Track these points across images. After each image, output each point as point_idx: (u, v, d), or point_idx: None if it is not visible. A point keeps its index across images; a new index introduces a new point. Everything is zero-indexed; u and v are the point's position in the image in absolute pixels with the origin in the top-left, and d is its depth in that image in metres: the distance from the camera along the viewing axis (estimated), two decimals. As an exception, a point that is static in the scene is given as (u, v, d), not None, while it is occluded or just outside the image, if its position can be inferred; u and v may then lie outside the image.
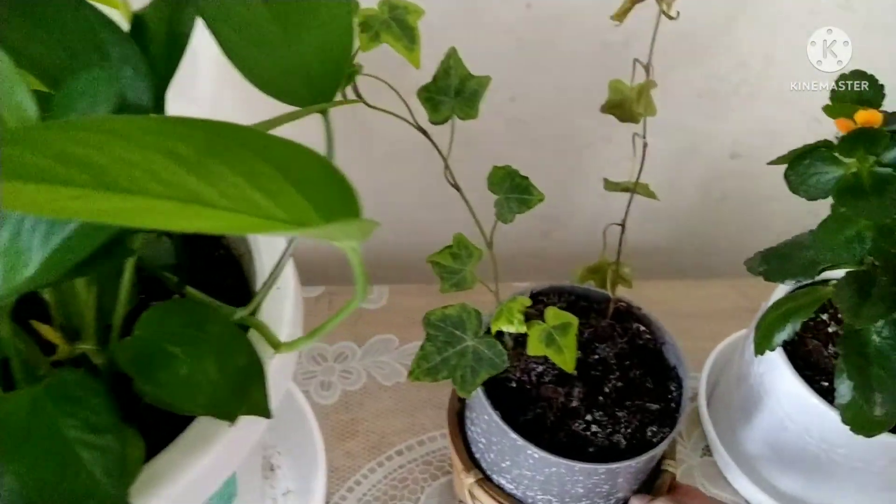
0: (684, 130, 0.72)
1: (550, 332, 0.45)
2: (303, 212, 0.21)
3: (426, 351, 0.45)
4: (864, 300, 0.38)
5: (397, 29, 0.41)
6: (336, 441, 0.61)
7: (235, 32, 0.30)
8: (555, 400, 0.48)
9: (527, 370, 0.49)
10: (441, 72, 0.44)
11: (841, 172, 0.36)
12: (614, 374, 0.50)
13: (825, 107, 0.35)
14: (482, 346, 0.45)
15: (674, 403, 0.49)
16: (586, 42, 0.63)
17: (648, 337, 0.54)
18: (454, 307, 0.46)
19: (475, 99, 0.44)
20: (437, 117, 0.44)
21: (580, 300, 0.55)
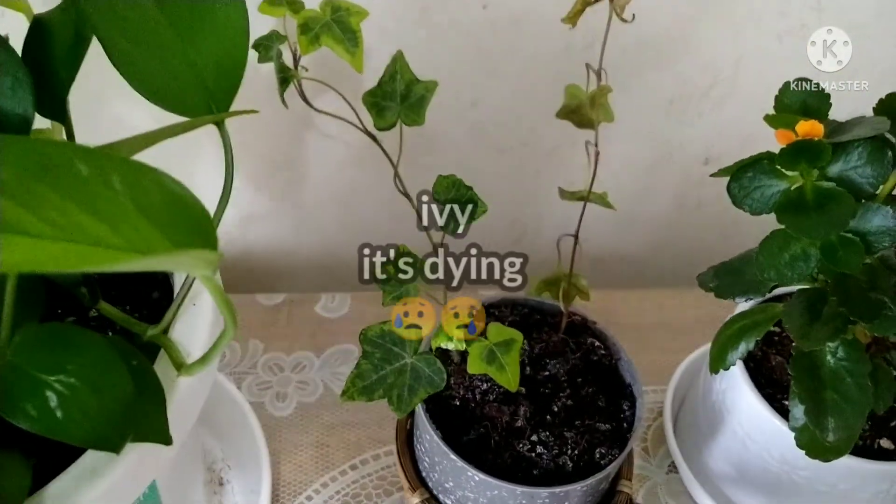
0: (656, 137, 0.70)
1: (492, 349, 0.43)
2: (148, 239, 0.20)
3: (361, 369, 0.43)
4: (813, 320, 0.36)
5: (339, 31, 0.39)
6: (289, 454, 0.59)
7: (125, 38, 0.28)
8: (499, 419, 0.46)
9: (471, 388, 0.47)
10: (386, 76, 0.42)
11: (785, 186, 0.34)
12: (564, 392, 0.48)
13: (766, 116, 0.33)
14: (421, 364, 0.43)
15: (626, 423, 0.47)
16: (547, 45, 0.61)
17: (603, 353, 0.52)
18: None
19: (422, 104, 0.42)
20: (382, 123, 0.42)
21: (534, 313, 0.53)
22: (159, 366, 0.34)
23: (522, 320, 0.53)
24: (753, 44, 0.63)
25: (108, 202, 0.19)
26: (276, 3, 0.38)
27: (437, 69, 0.63)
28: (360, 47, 0.38)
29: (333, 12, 0.38)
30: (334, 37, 0.38)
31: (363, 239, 0.75)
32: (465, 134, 0.68)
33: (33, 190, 0.18)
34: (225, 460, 0.58)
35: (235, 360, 0.65)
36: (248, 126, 0.65)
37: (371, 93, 0.42)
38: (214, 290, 0.21)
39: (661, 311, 0.73)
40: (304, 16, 0.37)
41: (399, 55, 0.42)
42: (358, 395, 0.42)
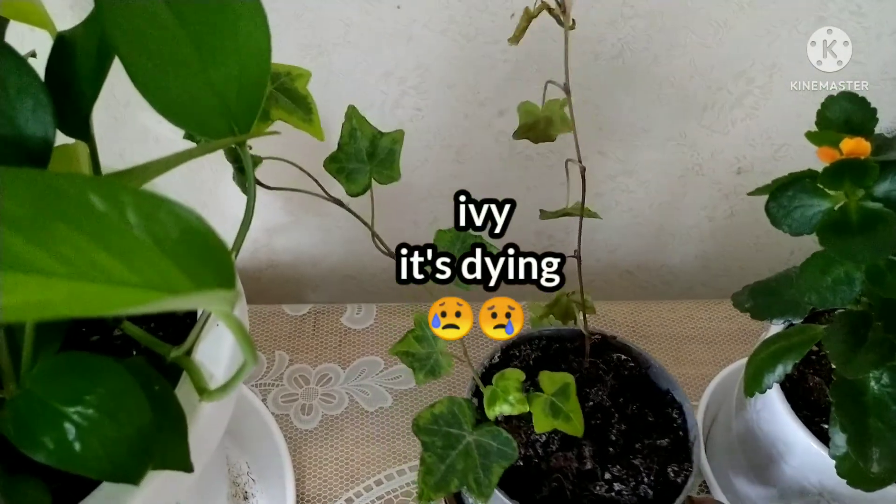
0: (688, 145, 0.68)
1: (552, 401, 0.41)
2: (166, 276, 0.19)
3: (428, 463, 0.39)
4: (857, 346, 0.34)
5: (287, 101, 0.37)
6: (314, 468, 0.58)
7: (146, 57, 0.28)
8: (567, 468, 0.44)
9: (530, 443, 0.45)
10: (345, 137, 0.39)
11: (827, 206, 0.33)
12: (615, 418, 0.46)
13: (807, 133, 0.32)
14: (486, 438, 0.40)
15: (682, 431, 0.46)
16: (575, 53, 0.60)
17: (632, 365, 0.50)
18: (441, 403, 0.41)
19: (393, 158, 0.39)
20: (355, 188, 0.39)
21: (552, 343, 0.52)
22: (182, 389, 0.34)
23: (544, 353, 0.51)
24: (789, 50, 0.61)
25: (123, 237, 0.19)
26: None
27: (463, 78, 0.62)
28: (315, 113, 0.36)
29: (274, 81, 0.36)
30: (284, 108, 0.35)
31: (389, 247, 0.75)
32: (492, 143, 0.67)
33: (43, 225, 0.18)
34: (250, 474, 0.58)
35: (261, 372, 0.65)
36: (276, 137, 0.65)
37: (333, 158, 0.39)
38: (234, 327, 0.21)
39: (693, 323, 0.71)
40: None
41: (351, 111, 0.39)
42: (434, 492, 0.39)
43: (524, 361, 0.50)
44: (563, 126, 0.44)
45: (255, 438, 0.57)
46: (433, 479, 0.39)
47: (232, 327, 0.21)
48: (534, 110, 0.44)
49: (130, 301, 0.17)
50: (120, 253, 0.18)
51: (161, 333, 0.39)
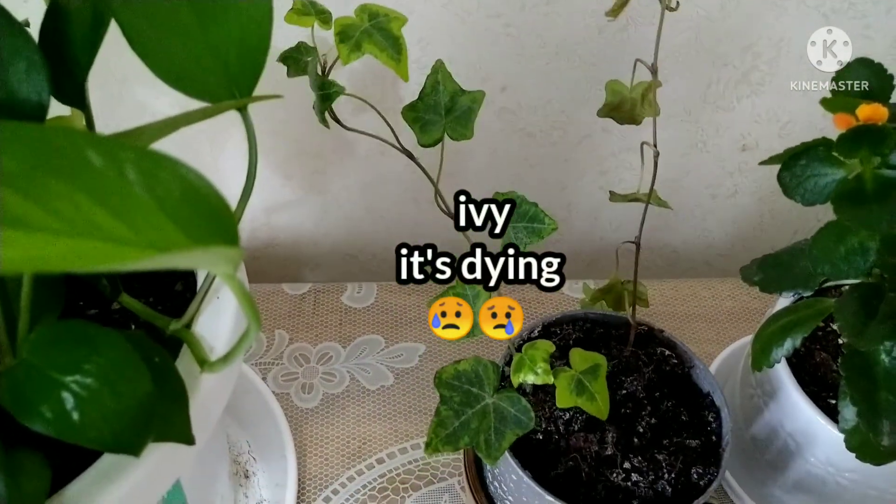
0: (692, 122, 0.67)
1: (580, 378, 0.40)
2: (165, 234, 0.18)
3: (442, 416, 0.39)
4: (868, 318, 0.34)
5: (380, 38, 0.36)
6: (315, 447, 0.58)
7: (145, 21, 0.27)
8: (587, 449, 0.43)
9: (552, 419, 0.44)
10: (428, 88, 0.39)
11: (842, 174, 0.32)
12: (646, 410, 0.45)
13: (822, 100, 0.31)
14: (504, 403, 0.40)
15: (714, 436, 0.45)
16: (580, 28, 0.59)
17: (675, 362, 0.49)
18: (467, 361, 0.41)
19: (469, 117, 0.39)
20: (426, 139, 0.39)
21: (596, 327, 0.51)
22: (182, 362, 0.33)
23: (586, 336, 0.50)
24: (797, 24, 0.60)
25: (122, 195, 0.18)
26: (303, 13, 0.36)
27: (465, 53, 0.61)
28: (403, 54, 0.36)
29: (371, 18, 0.36)
30: (377, 44, 0.35)
31: (389, 228, 0.74)
32: (495, 118, 0.66)
33: (40, 181, 0.17)
34: (251, 452, 0.57)
35: (261, 351, 0.65)
36: (276, 113, 0.64)
37: (412, 107, 0.39)
38: (237, 289, 0.20)
39: (696, 302, 0.71)
40: (342, 23, 0.35)
41: (440, 65, 0.40)
42: (443, 445, 0.39)
43: (564, 340, 0.49)
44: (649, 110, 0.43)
45: (255, 417, 0.57)
46: (444, 432, 0.39)
47: (234, 289, 0.20)
48: (621, 90, 0.43)
49: (129, 256, 0.17)
50: (118, 211, 0.18)
51: (160, 307, 0.39)
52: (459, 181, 0.70)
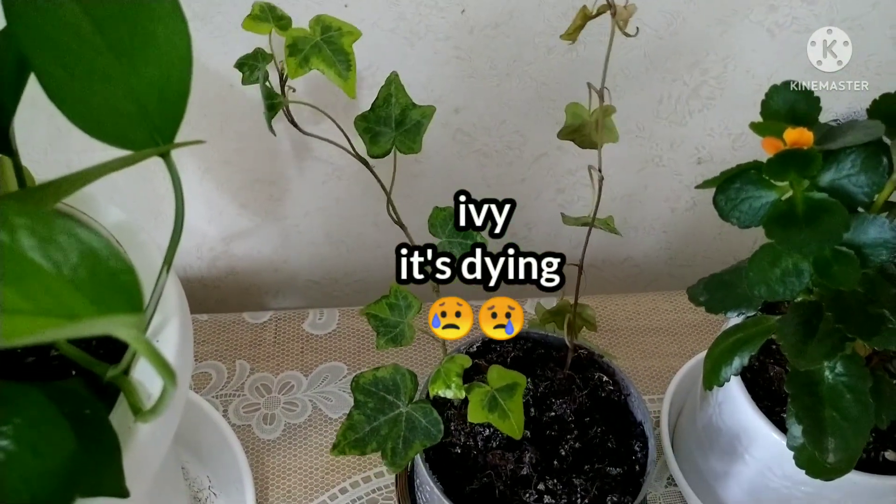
0: (646, 137, 0.68)
1: (494, 395, 0.40)
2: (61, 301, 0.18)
3: (354, 420, 0.40)
4: (808, 338, 0.34)
5: (330, 53, 0.36)
6: (277, 479, 0.57)
7: (61, 67, 0.27)
8: (503, 467, 0.43)
9: (472, 434, 0.44)
10: (380, 100, 0.40)
11: (774, 197, 0.32)
12: (572, 434, 0.45)
13: (751, 124, 0.31)
14: (417, 414, 0.41)
15: (638, 465, 0.45)
16: (529, 47, 0.59)
17: (612, 388, 0.49)
18: (386, 368, 0.41)
19: (418, 130, 0.40)
20: (376, 150, 0.39)
21: (537, 347, 0.51)
22: (119, 410, 0.33)
23: (526, 355, 0.50)
24: (743, 39, 0.61)
25: (16, 262, 0.17)
26: (260, 19, 0.36)
27: (416, 76, 0.61)
28: (352, 71, 0.36)
29: (324, 32, 0.36)
30: (325, 59, 0.35)
31: (350, 252, 0.74)
32: (450, 140, 0.66)
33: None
34: (211, 488, 0.56)
35: (222, 383, 0.64)
36: (228, 144, 0.63)
37: (363, 117, 0.39)
38: (145, 350, 0.20)
39: (657, 316, 0.71)
40: (293, 35, 0.35)
41: (394, 77, 0.40)
42: (350, 448, 0.40)
43: (502, 357, 0.49)
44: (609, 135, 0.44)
45: (214, 451, 0.56)
46: (354, 436, 0.40)
47: (143, 351, 0.19)
48: (581, 113, 0.44)
49: (21, 330, 0.16)
50: (12, 279, 0.17)
51: (101, 351, 0.38)
52: (417, 202, 0.70)
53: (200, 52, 0.57)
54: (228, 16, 0.55)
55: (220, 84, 0.59)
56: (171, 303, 0.36)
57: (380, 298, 0.43)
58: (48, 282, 0.18)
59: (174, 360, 0.34)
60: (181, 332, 0.35)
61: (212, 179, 0.66)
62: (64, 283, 0.18)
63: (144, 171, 0.65)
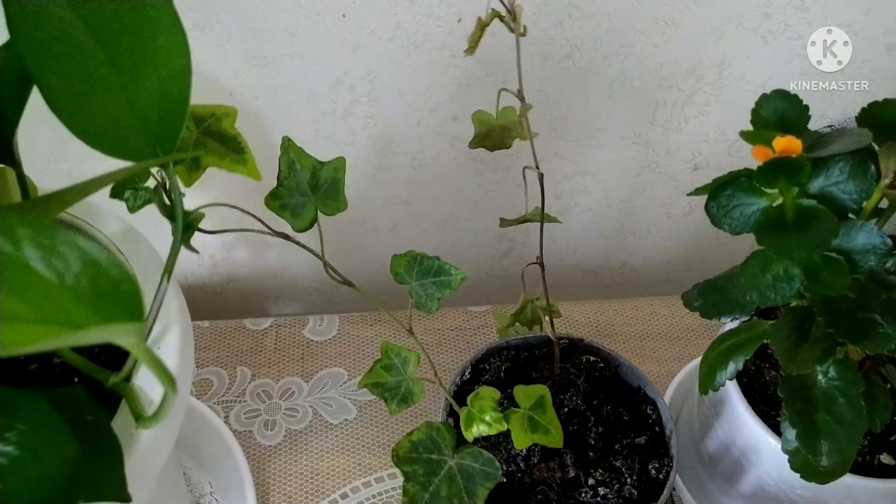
0: (643, 144, 0.68)
1: (530, 416, 0.40)
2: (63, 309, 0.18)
3: (411, 494, 0.38)
4: (801, 342, 0.34)
5: (217, 144, 0.35)
6: (278, 484, 0.58)
7: (62, 78, 0.27)
8: (551, 478, 0.43)
9: (511, 458, 0.44)
10: (285, 171, 0.38)
11: (765, 204, 0.33)
12: (591, 422, 0.46)
13: (742, 133, 0.32)
14: (467, 461, 0.40)
15: (657, 426, 0.46)
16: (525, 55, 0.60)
17: (602, 365, 0.50)
18: (420, 430, 0.40)
19: (337, 188, 0.38)
20: (301, 224, 0.38)
21: (521, 352, 0.52)
22: (121, 416, 0.33)
23: (514, 364, 0.51)
24: (737, 46, 0.61)
25: (19, 271, 0.18)
26: None
27: (413, 84, 0.62)
28: (248, 153, 0.35)
29: (199, 124, 0.34)
30: (215, 153, 0.34)
31: (349, 257, 0.74)
32: (447, 148, 0.66)
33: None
34: (213, 493, 0.57)
35: (223, 389, 0.64)
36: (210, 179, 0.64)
37: (274, 195, 0.38)
38: (146, 358, 0.20)
39: (656, 320, 0.72)
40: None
41: (287, 143, 0.37)
42: None
43: (495, 374, 0.50)
44: (518, 133, 0.44)
45: (215, 457, 0.56)
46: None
47: (144, 358, 0.20)
48: (488, 119, 0.44)
49: (23, 339, 0.17)
50: (15, 288, 0.18)
51: (103, 359, 0.39)
52: (415, 209, 0.71)
53: (200, 61, 0.57)
54: (227, 25, 0.56)
55: (220, 92, 0.60)
56: (172, 311, 0.37)
57: (374, 365, 0.42)
58: (50, 291, 0.18)
59: (175, 367, 0.35)
60: (182, 339, 0.36)
61: (213, 186, 0.66)
62: (66, 292, 0.18)
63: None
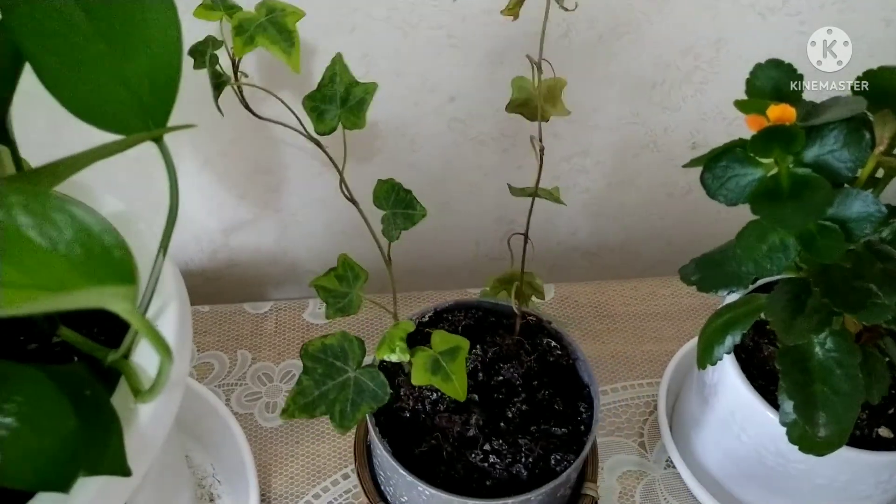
0: (641, 123, 0.68)
1: (437, 358, 0.42)
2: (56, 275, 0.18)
3: (303, 385, 0.41)
4: (797, 313, 0.34)
5: (274, 32, 0.38)
6: (280, 466, 0.58)
7: (54, 54, 0.27)
8: (450, 430, 0.45)
9: (421, 399, 0.46)
10: (326, 79, 0.41)
11: (761, 174, 0.33)
12: (519, 397, 0.47)
13: (736, 102, 0.32)
14: (364, 378, 0.42)
15: (584, 426, 0.46)
16: (521, 34, 0.59)
17: (560, 353, 0.50)
18: (334, 336, 0.43)
19: (362, 107, 0.41)
20: (322, 127, 0.41)
21: (489, 315, 0.52)
22: (120, 392, 0.33)
23: (477, 324, 0.52)
24: (734, 23, 0.61)
25: (12, 238, 0.18)
26: (212, 7, 0.37)
27: (411, 65, 0.61)
28: (296, 47, 0.37)
29: (268, 13, 0.37)
30: (269, 37, 0.37)
31: (350, 242, 0.74)
32: (446, 129, 0.66)
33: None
34: (215, 475, 0.57)
35: (224, 372, 0.64)
36: (224, 134, 0.64)
37: (310, 96, 0.41)
38: (139, 324, 0.20)
39: (655, 300, 0.72)
40: (239, 17, 0.36)
41: (338, 58, 0.41)
42: (299, 412, 0.41)
43: (454, 326, 0.51)
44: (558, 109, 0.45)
45: (217, 439, 0.56)
46: (303, 400, 0.41)
47: (136, 324, 0.20)
48: (527, 85, 0.45)
49: (17, 300, 0.17)
50: (8, 255, 0.18)
51: (103, 338, 0.39)
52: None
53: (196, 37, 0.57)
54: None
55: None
56: (168, 287, 0.37)
57: (328, 271, 0.45)
58: (44, 257, 0.18)
59: (173, 341, 0.35)
60: (179, 314, 0.36)
61: (210, 171, 0.66)
62: (59, 258, 0.18)
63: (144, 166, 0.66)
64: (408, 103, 0.64)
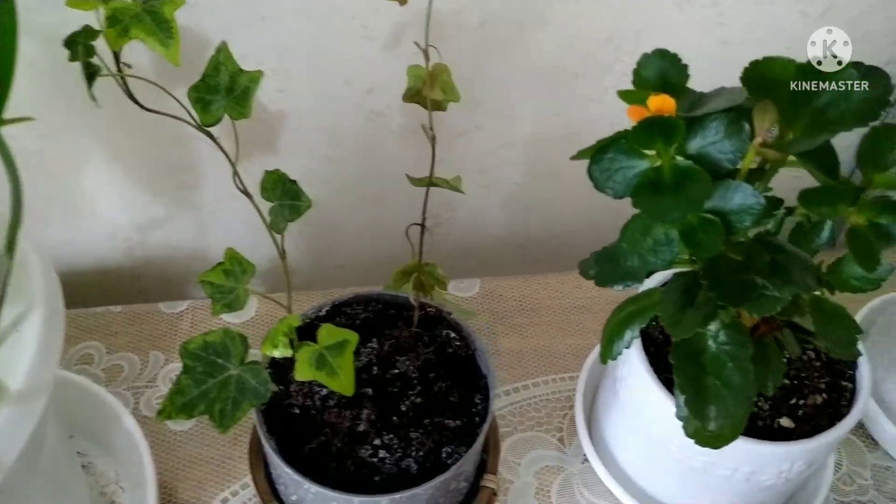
0: (564, 115, 0.68)
1: (322, 353, 0.41)
2: None
3: (181, 384, 0.40)
4: (686, 306, 0.34)
5: (151, 22, 0.36)
6: (187, 470, 0.56)
7: None
8: (340, 425, 0.44)
9: (310, 394, 0.45)
10: (210, 69, 0.40)
11: (646, 166, 0.32)
12: (414, 391, 0.46)
13: (619, 92, 0.31)
14: (247, 375, 0.41)
15: (478, 418, 0.46)
16: (440, 25, 0.58)
17: (459, 344, 0.50)
18: (216, 332, 0.41)
19: (247, 97, 0.40)
20: (207, 119, 0.39)
21: (388, 308, 0.51)
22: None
23: (376, 317, 0.51)
24: (653, 15, 0.61)
25: None
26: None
27: (325, 57, 0.60)
28: (175, 38, 0.35)
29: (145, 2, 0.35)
30: (145, 28, 0.35)
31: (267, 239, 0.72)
32: (365, 122, 0.65)
33: None
34: (118, 482, 0.55)
35: (135, 374, 0.62)
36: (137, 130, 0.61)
37: (195, 87, 0.39)
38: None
39: (581, 293, 0.71)
40: (113, 7, 0.34)
41: (223, 46, 0.40)
42: (176, 413, 0.39)
43: (351, 320, 0.50)
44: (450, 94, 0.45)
45: (120, 445, 0.54)
46: (181, 400, 0.40)
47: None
48: (423, 74, 0.44)
49: None
50: None
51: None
52: (335, 187, 0.69)
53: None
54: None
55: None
56: (35, 290, 0.35)
57: (215, 265, 0.44)
58: None
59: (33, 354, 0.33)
60: (45, 319, 0.34)
61: (119, 167, 0.64)
62: None
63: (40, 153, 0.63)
64: (324, 96, 0.62)
